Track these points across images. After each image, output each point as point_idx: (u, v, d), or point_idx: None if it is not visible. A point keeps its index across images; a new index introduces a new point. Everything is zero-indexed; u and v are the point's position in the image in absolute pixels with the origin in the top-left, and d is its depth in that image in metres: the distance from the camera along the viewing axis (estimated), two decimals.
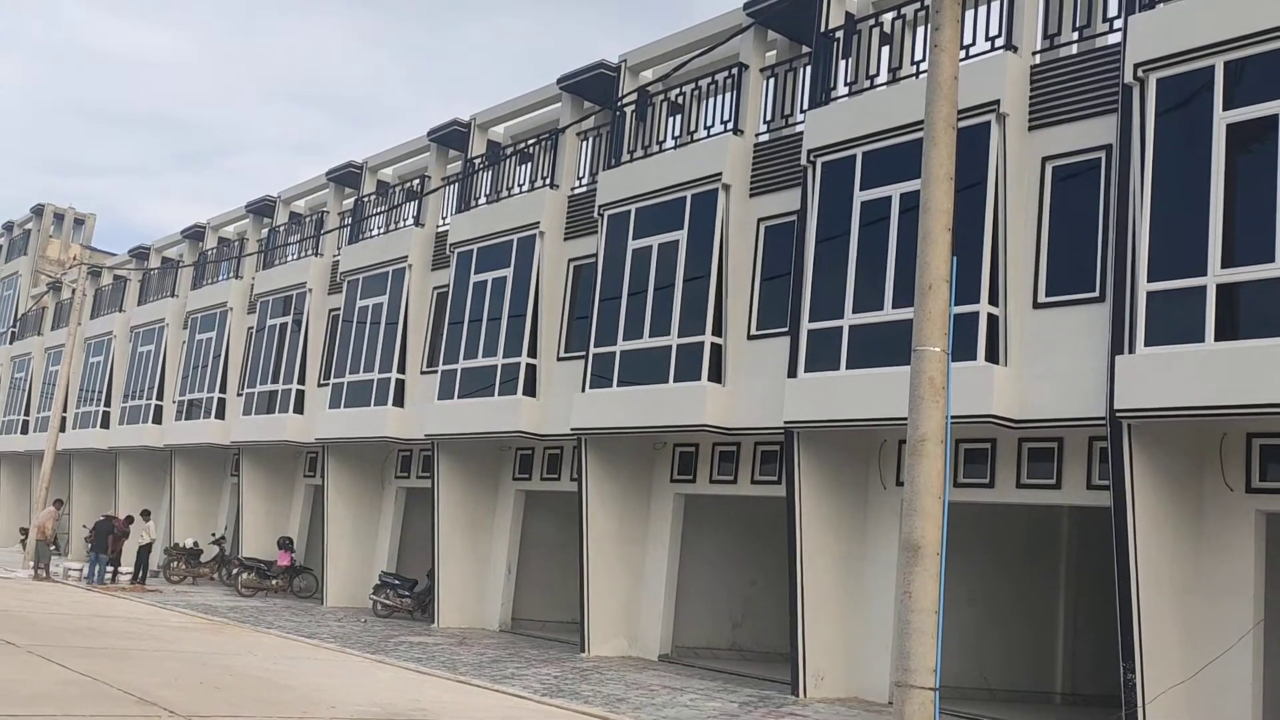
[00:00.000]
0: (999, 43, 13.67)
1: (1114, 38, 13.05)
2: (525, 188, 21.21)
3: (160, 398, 32.09)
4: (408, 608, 22.64)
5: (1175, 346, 11.16)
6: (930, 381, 8.50)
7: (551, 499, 21.65)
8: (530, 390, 19.60)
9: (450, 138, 23.61)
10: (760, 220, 16.46)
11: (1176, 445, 11.91)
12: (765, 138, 17.10)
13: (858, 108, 14.95)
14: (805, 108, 15.98)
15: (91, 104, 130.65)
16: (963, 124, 10.53)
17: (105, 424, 34.62)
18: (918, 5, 14.84)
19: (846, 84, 15.49)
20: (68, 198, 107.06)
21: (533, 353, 19.70)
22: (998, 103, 13.20)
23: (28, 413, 40.18)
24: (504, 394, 19.84)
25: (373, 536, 25.21)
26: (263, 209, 30.73)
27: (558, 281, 19.95)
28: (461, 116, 23.33)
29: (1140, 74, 11.90)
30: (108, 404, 34.90)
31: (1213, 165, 11.16)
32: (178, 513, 31.20)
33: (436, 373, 21.74)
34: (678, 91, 18.49)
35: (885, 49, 15.44)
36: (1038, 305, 12.96)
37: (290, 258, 28.41)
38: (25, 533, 32.81)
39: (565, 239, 20.05)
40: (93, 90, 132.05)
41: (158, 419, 31.86)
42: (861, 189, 14.50)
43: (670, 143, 18.53)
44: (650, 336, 17.01)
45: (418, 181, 24.74)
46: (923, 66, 14.27)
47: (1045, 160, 13.22)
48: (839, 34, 15.58)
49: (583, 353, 18.44)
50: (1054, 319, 12.78)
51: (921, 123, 9.27)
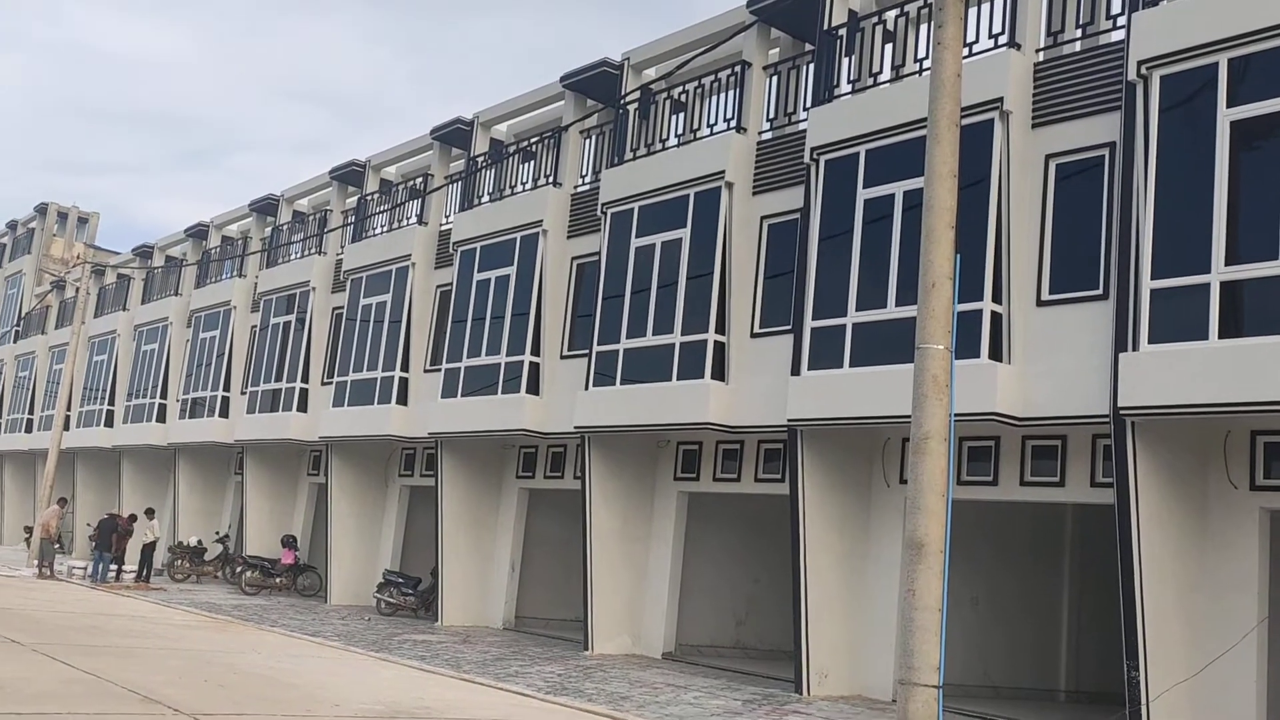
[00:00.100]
0: (1002, 40, 13.66)
1: (1117, 35, 13.05)
2: (528, 186, 21.22)
3: (164, 396, 32.14)
4: (411, 606, 22.67)
5: (1179, 344, 11.15)
6: (934, 379, 8.50)
7: (555, 497, 21.66)
8: (534, 388, 19.61)
9: (453, 136, 23.62)
10: (763, 218, 16.46)
11: (1180, 443, 11.90)
12: (768, 136, 17.10)
13: (861, 105, 14.94)
14: (808, 105, 15.97)
15: (94, 103, 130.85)
16: (966, 121, 10.51)
17: (109, 422, 34.68)
18: (921, 2, 14.81)
19: (849, 81, 15.49)
20: (71, 196, 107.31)
21: (536, 351, 19.70)
22: (1001, 100, 13.19)
23: (32, 411, 40.25)
24: (507, 392, 19.86)
25: (376, 535, 25.24)
26: (266, 207, 30.77)
27: (561, 280, 19.96)
28: (464, 115, 23.34)
29: (1144, 71, 11.88)
30: (111, 402, 34.96)
31: (1216, 162, 11.15)
32: (182, 511, 31.26)
33: (440, 371, 21.76)
34: (680, 89, 18.48)
35: (888, 46, 15.44)
36: (1041, 303, 12.96)
37: (294, 256, 28.43)
38: (30, 531, 32.86)
39: (568, 237, 20.06)
40: (95, 89, 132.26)
41: (161, 417, 31.92)
42: (865, 187, 14.50)
43: (673, 141, 18.53)
44: (653, 335, 17.02)
45: (421, 180, 24.76)
46: (926, 64, 14.26)
47: (1049, 158, 13.21)
48: (842, 31, 15.58)
49: (586, 351, 18.45)
50: (1057, 316, 12.77)
51: (925, 120, 9.26)
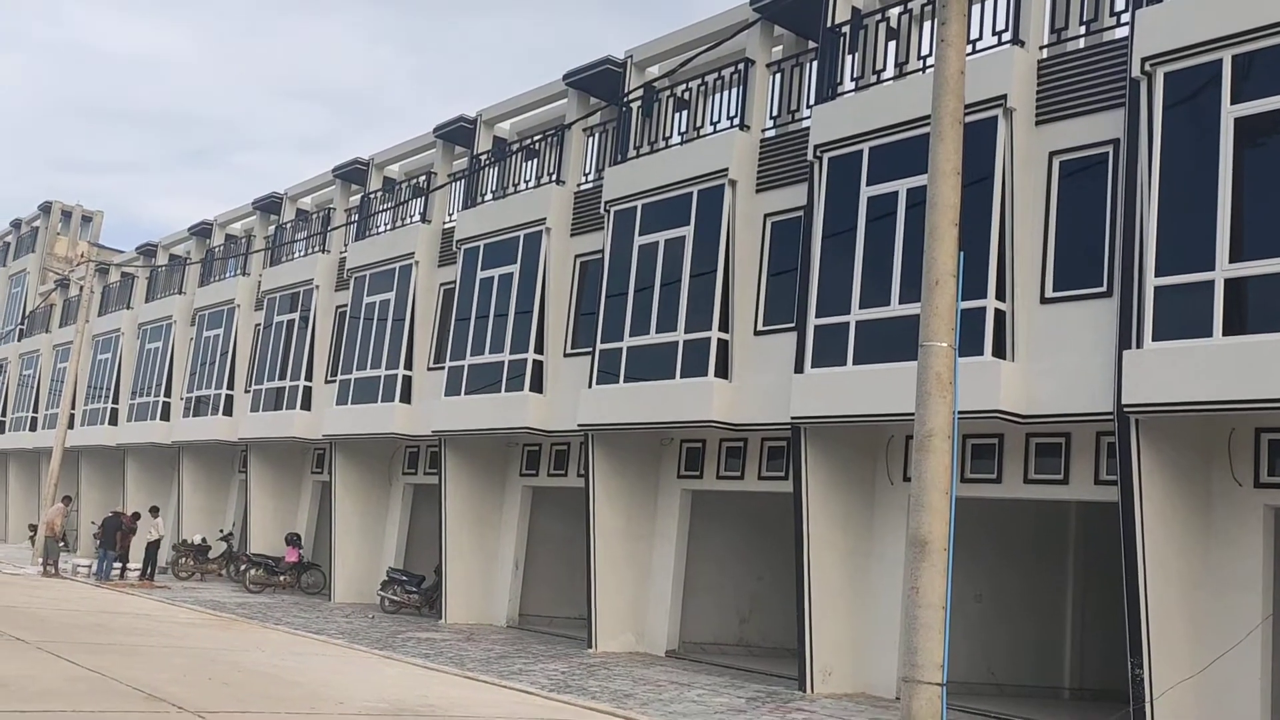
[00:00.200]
0: (1006, 37, 13.64)
1: (1121, 31, 13.02)
2: (531, 184, 21.22)
3: (168, 395, 32.18)
4: (415, 604, 22.68)
5: (1183, 341, 11.14)
6: (937, 377, 8.50)
7: (558, 495, 21.67)
8: (537, 386, 19.62)
9: (456, 134, 23.62)
10: (767, 216, 16.45)
11: (1184, 440, 11.89)
12: (771, 133, 17.08)
13: (864, 103, 14.92)
14: (811, 103, 15.96)
15: (97, 102, 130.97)
16: (969, 119, 10.49)
17: (113, 421, 34.72)
18: (924, 0, 14.80)
19: (853, 79, 15.48)
20: (75, 195, 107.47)
21: (539, 349, 19.71)
22: (1005, 97, 13.17)
23: (36, 410, 40.30)
24: (511, 390, 19.86)
25: (380, 533, 25.26)
26: (270, 206, 30.78)
27: (564, 277, 19.96)
28: (468, 113, 23.34)
29: (1148, 68, 11.87)
30: (116, 401, 35.00)
31: (1221, 159, 11.14)
32: (186, 509, 31.29)
33: (444, 369, 21.76)
34: (684, 87, 18.47)
35: (892, 44, 15.41)
36: (1045, 300, 12.94)
37: (297, 254, 28.44)
38: (34, 529, 32.92)
39: (571, 235, 20.05)
40: (98, 88, 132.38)
41: (165, 416, 31.95)
42: (868, 184, 14.49)
43: (676, 138, 18.52)
44: (657, 332, 17.02)
45: (424, 178, 24.77)
46: (929, 61, 14.24)
47: (1052, 155, 13.19)
48: (845, 29, 15.56)
49: (589, 349, 18.45)
50: (1061, 314, 12.75)
51: (928, 118, 9.26)
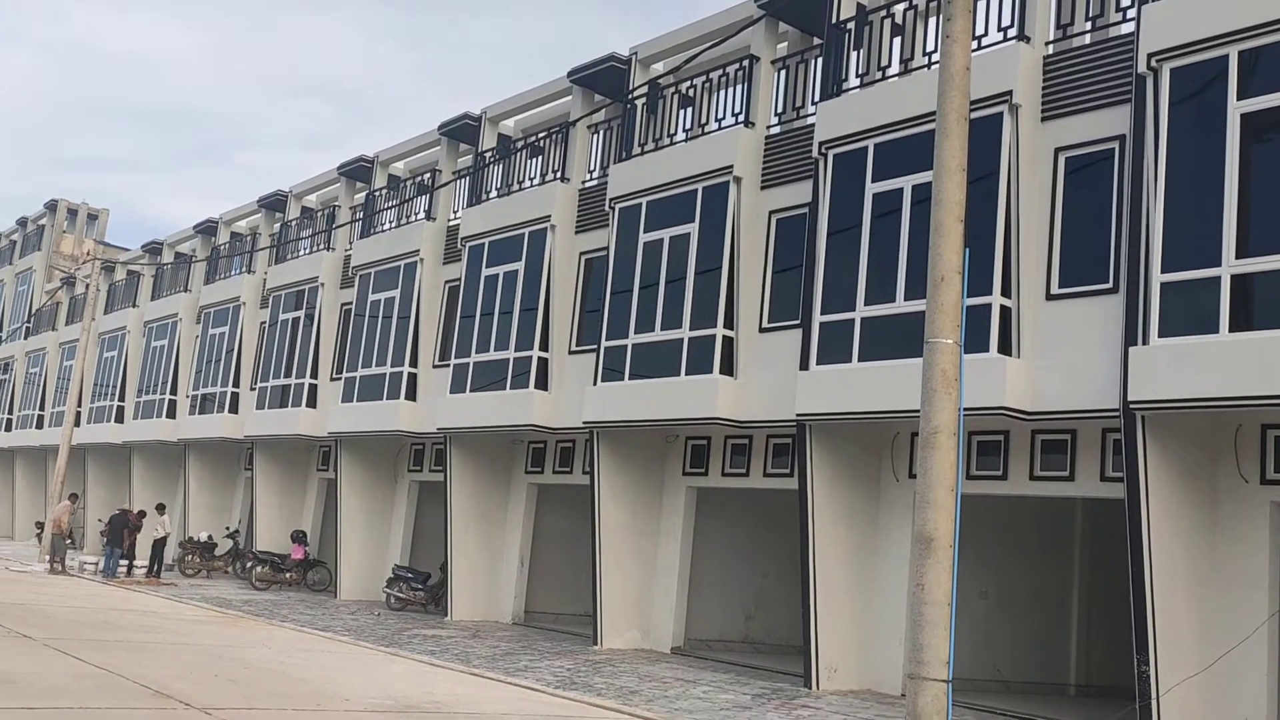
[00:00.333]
0: (1011, 33, 13.61)
1: (1127, 27, 12.99)
2: (536, 181, 21.21)
3: (174, 392, 32.23)
4: (421, 601, 22.71)
5: (1189, 338, 11.12)
6: (943, 374, 8.48)
7: (564, 492, 21.67)
8: (542, 384, 19.62)
9: (461, 131, 23.62)
10: (771, 213, 16.44)
11: (1190, 437, 11.87)
12: (776, 130, 17.06)
13: (869, 99, 14.90)
14: (816, 100, 15.94)
15: (102, 100, 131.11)
16: (975, 115, 10.47)
17: (119, 418, 34.79)
18: None
19: (858, 75, 15.45)
20: (81, 193, 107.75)
21: (544, 346, 19.71)
22: (1010, 93, 13.14)
23: (43, 408, 40.39)
24: (516, 387, 19.87)
25: (386, 530, 25.29)
26: (274, 203, 30.81)
27: (569, 275, 19.96)
28: (472, 110, 23.34)
29: (1154, 64, 11.84)
30: (122, 398, 35.06)
31: (1227, 155, 11.11)
32: (192, 506, 31.34)
33: (449, 366, 21.77)
34: (689, 84, 18.46)
35: (897, 40, 15.39)
36: (1051, 297, 12.92)
37: (302, 252, 28.47)
38: (41, 527, 33.00)
39: (576, 232, 20.05)
40: (102, 87, 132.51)
41: (171, 413, 32.00)
42: (873, 181, 14.47)
43: (681, 135, 18.50)
44: (662, 329, 17.01)
45: (429, 175, 24.78)
46: (935, 57, 14.22)
47: (1058, 151, 13.16)
48: (850, 25, 15.54)
49: (594, 346, 18.45)
50: (1067, 310, 12.73)
51: (933, 114, 9.24)
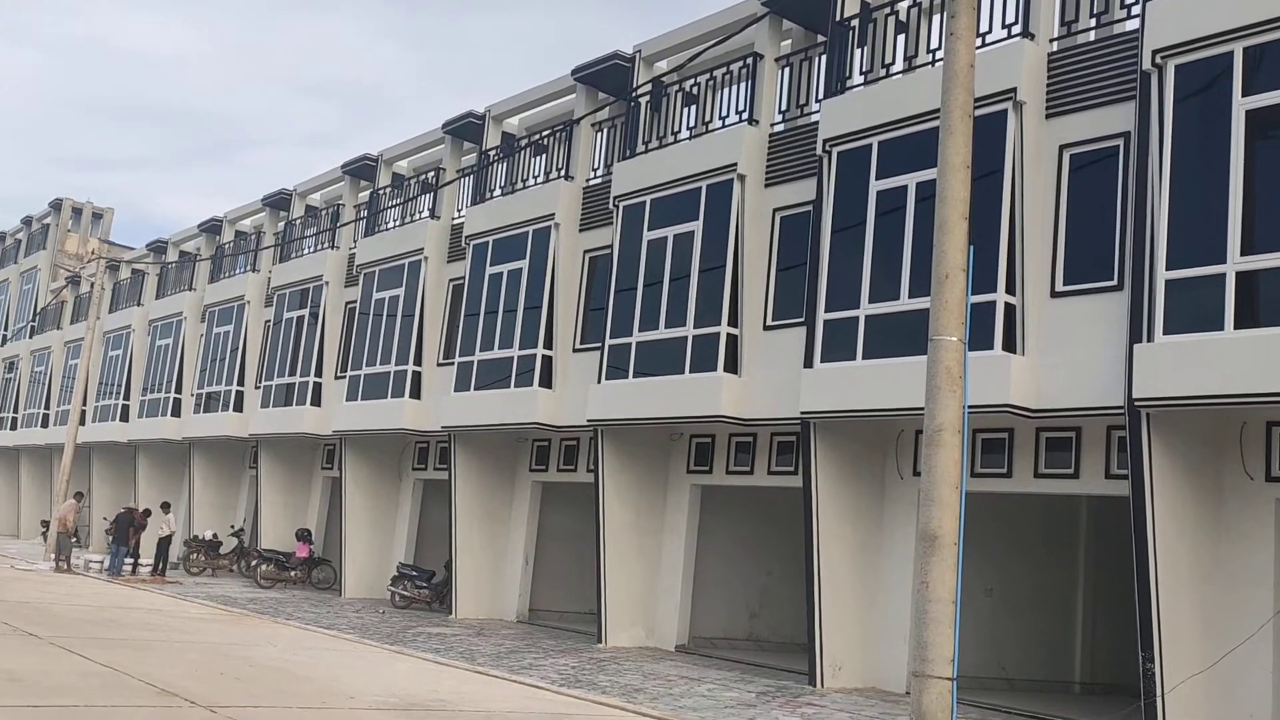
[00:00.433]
0: (1015, 30, 13.59)
1: (1132, 24, 12.96)
2: (540, 179, 21.21)
3: (178, 391, 32.28)
4: (425, 599, 22.73)
5: (1194, 335, 11.10)
6: (947, 371, 8.48)
7: (568, 490, 21.68)
8: (546, 382, 19.62)
9: (465, 130, 23.63)
10: (775, 210, 16.43)
11: (1196, 434, 11.85)
12: (780, 128, 17.05)
13: (873, 97, 14.88)
14: (820, 97, 15.92)
15: (106, 99, 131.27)
16: (979, 112, 10.46)
17: (124, 417, 34.84)
18: None
19: (862, 73, 15.44)
20: (86, 192, 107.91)
21: (549, 344, 19.72)
22: (1014, 90, 13.13)
23: (48, 406, 40.47)
24: (520, 385, 19.87)
25: (390, 528, 25.30)
26: (279, 202, 30.83)
27: (573, 273, 19.96)
28: (476, 108, 23.34)
29: (1158, 60, 11.82)
30: (127, 397, 35.11)
31: (1232, 152, 11.09)
32: (197, 505, 31.39)
33: (453, 365, 21.79)
34: (692, 82, 18.45)
35: (901, 37, 15.37)
36: (1055, 294, 12.90)
37: (306, 251, 28.50)
38: (46, 525, 33.05)
39: (580, 230, 20.05)
40: (107, 85, 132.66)
41: (176, 412, 32.04)
42: (877, 178, 14.45)
43: (685, 133, 18.50)
44: (666, 327, 17.01)
45: (433, 174, 24.78)
46: (939, 55, 14.20)
47: (1063, 148, 13.15)
48: (854, 23, 15.52)
49: (598, 344, 18.45)
50: (1072, 308, 12.71)
51: (938, 111, 9.23)
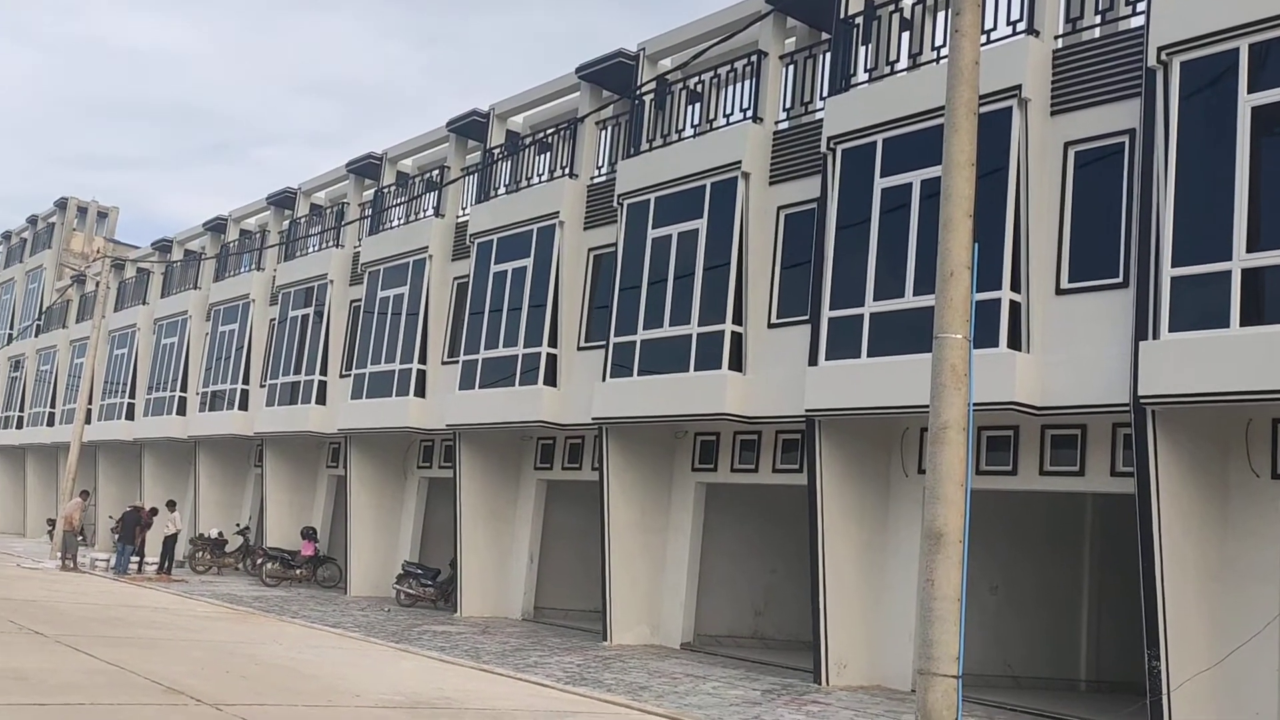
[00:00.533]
0: (1020, 27, 13.57)
1: (1137, 21, 12.95)
2: (544, 178, 21.22)
3: (184, 389, 32.32)
4: (430, 597, 22.75)
5: (1200, 332, 11.09)
6: (952, 369, 8.47)
7: (573, 488, 21.69)
8: (551, 380, 19.63)
9: (469, 128, 23.63)
10: (780, 208, 16.42)
11: (1201, 431, 11.84)
12: (785, 125, 17.04)
13: (878, 94, 14.87)
14: (825, 95, 15.91)
15: (111, 98, 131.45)
16: (984, 109, 10.43)
17: (130, 416, 34.89)
18: None
19: (866, 70, 15.42)
20: (91, 191, 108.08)
21: (553, 342, 19.72)
22: (1019, 88, 13.11)
23: (53, 405, 40.53)
24: (525, 384, 19.88)
25: (395, 526, 25.34)
26: (283, 201, 30.85)
27: (577, 271, 19.96)
28: (480, 107, 23.35)
29: (1164, 57, 11.80)
30: (132, 396, 35.17)
31: (1237, 149, 11.07)
32: (202, 503, 31.44)
33: (458, 363, 21.80)
34: (697, 80, 18.44)
35: (905, 35, 15.36)
36: (1060, 291, 12.89)
37: (311, 249, 28.52)
38: (52, 524, 33.11)
39: (585, 228, 20.05)
40: (112, 84, 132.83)
41: (181, 410, 32.09)
42: (882, 176, 14.44)
43: (689, 131, 18.48)
44: (670, 325, 17.00)
45: (437, 172, 24.78)
46: (943, 52, 14.17)
47: (1068, 145, 13.12)
48: (859, 20, 15.50)
49: (603, 342, 18.45)
50: (1077, 305, 12.70)
51: (942, 109, 9.22)
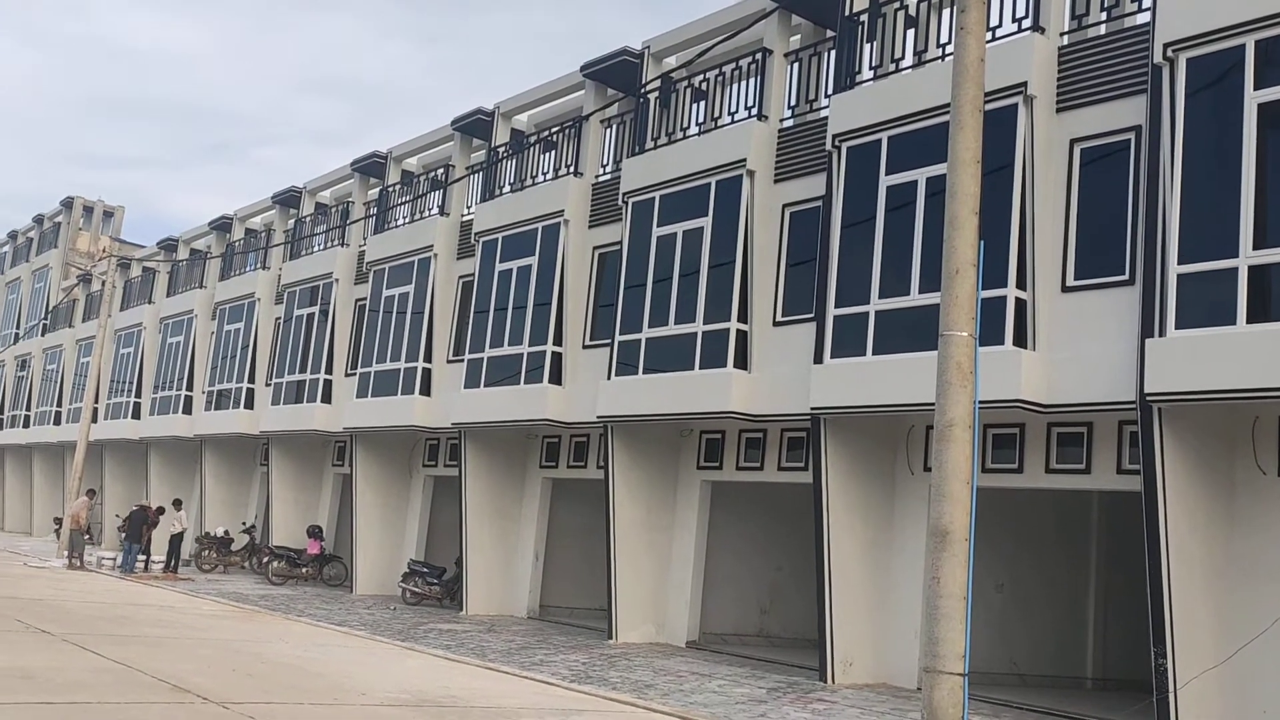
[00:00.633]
0: (1026, 24, 13.54)
1: (1143, 17, 12.92)
2: (549, 176, 21.22)
3: (190, 388, 32.38)
4: (436, 595, 22.77)
5: (1206, 329, 11.06)
6: (958, 366, 8.46)
7: (578, 487, 21.69)
8: (556, 378, 19.63)
9: (474, 126, 23.63)
10: (785, 206, 16.40)
11: (1208, 428, 11.81)
12: (790, 123, 17.02)
13: (883, 92, 14.85)
14: (830, 92, 15.89)
15: (117, 97, 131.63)
16: (989, 106, 10.42)
17: (136, 414, 34.96)
18: None
19: (871, 68, 15.40)
20: (96, 190, 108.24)
21: (558, 341, 19.72)
22: (1025, 85, 13.08)
23: (60, 404, 40.61)
24: (530, 382, 19.88)
25: (401, 525, 25.36)
26: (289, 200, 30.88)
27: (582, 269, 19.96)
28: (485, 105, 23.35)
29: (1170, 54, 11.77)
30: (138, 395, 35.23)
31: (1244, 145, 11.04)
32: (208, 502, 31.49)
33: (463, 361, 21.81)
34: (701, 78, 18.42)
35: (910, 32, 15.34)
36: (1066, 289, 12.86)
37: (317, 248, 28.54)
38: (59, 522, 33.19)
39: (590, 227, 20.05)
40: (118, 84, 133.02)
41: (188, 409, 32.14)
42: (887, 173, 14.42)
43: (694, 129, 18.47)
44: (675, 323, 17.00)
45: (442, 171, 24.79)
46: (948, 49, 14.16)
47: (1073, 142, 13.10)
48: (863, 17, 15.48)
49: (608, 340, 18.45)
50: (1083, 302, 12.67)
51: (947, 106, 9.21)
